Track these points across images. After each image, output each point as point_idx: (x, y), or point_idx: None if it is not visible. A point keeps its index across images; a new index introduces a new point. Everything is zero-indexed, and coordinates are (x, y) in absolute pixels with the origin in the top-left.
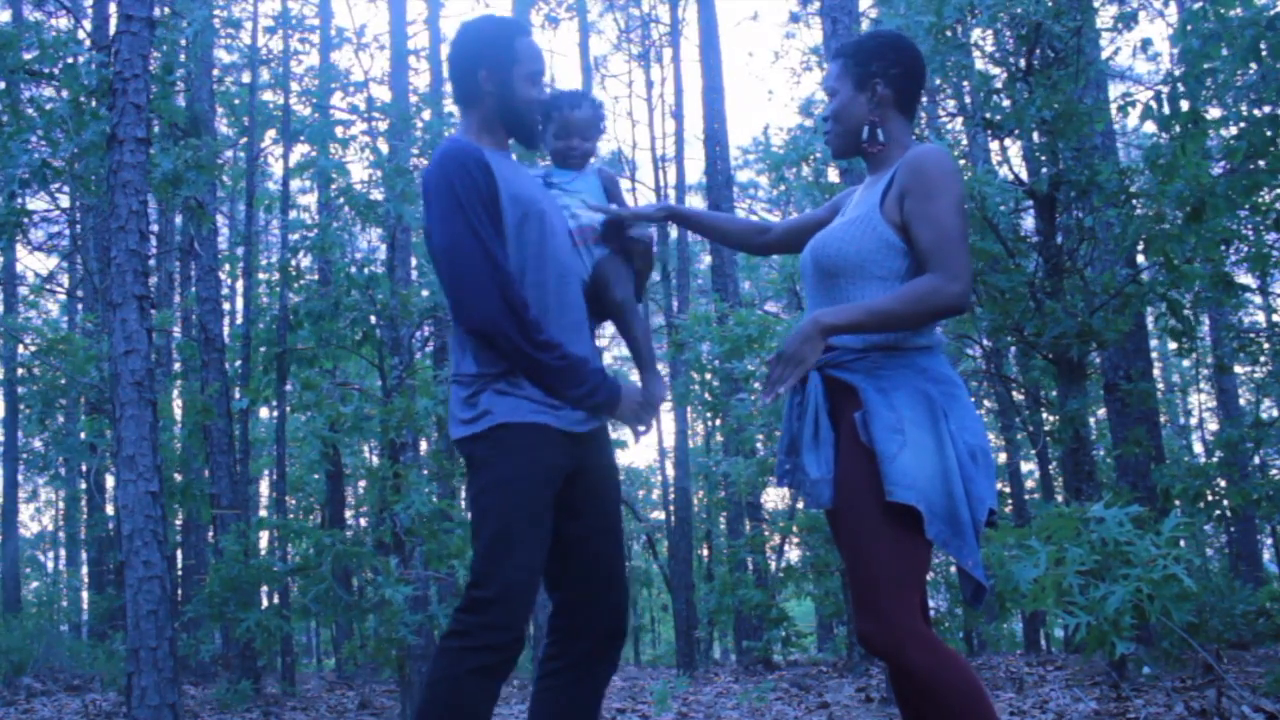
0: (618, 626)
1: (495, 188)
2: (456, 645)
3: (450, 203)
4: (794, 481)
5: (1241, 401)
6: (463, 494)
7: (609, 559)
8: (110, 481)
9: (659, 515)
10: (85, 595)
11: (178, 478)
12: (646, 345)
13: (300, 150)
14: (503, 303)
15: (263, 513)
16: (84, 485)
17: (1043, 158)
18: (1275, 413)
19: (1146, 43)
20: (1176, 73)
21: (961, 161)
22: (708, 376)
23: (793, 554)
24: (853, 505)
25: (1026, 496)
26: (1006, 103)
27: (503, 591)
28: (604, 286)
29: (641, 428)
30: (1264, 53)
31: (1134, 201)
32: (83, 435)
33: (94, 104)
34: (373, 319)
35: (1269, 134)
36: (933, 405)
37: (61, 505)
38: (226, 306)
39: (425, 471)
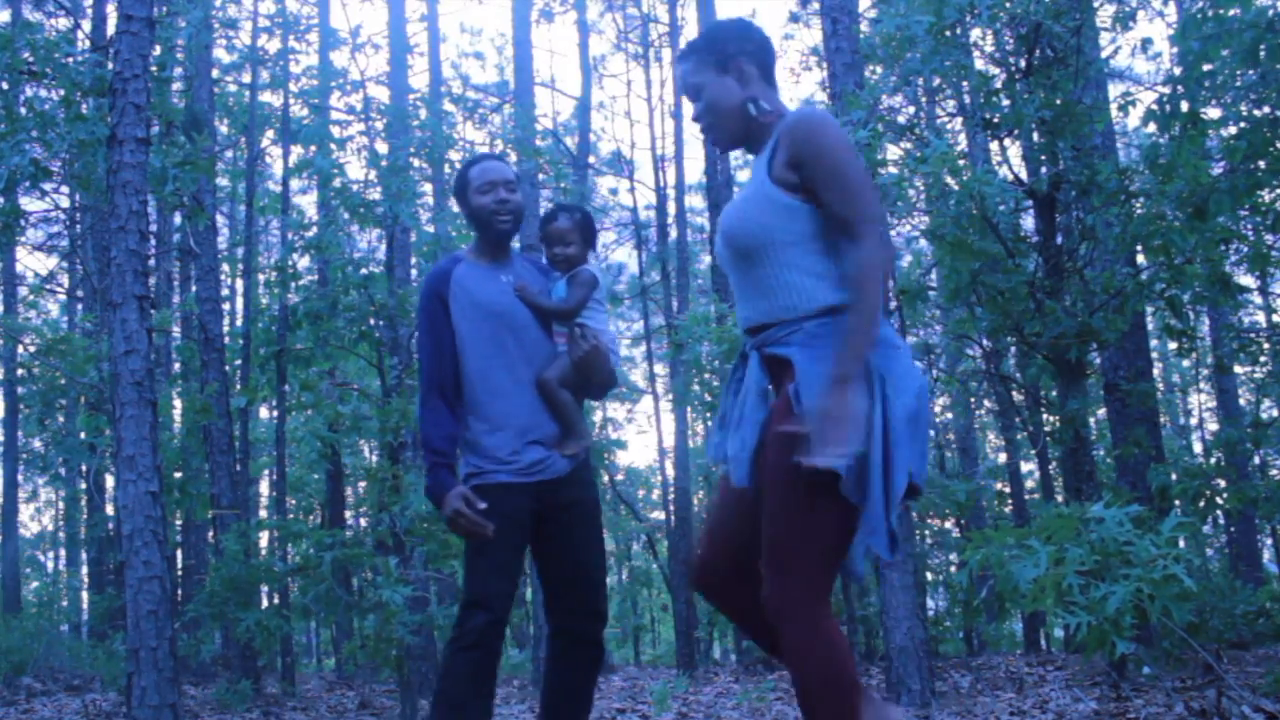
0: (598, 609)
1: (447, 299)
2: (450, 651)
3: (420, 316)
4: (721, 455)
5: (1241, 401)
6: None
7: (588, 568)
8: (110, 481)
9: (659, 515)
10: (85, 595)
11: (178, 475)
12: (567, 416)
13: (299, 150)
14: (423, 406)
15: (263, 513)
16: (84, 485)
17: (1043, 158)
18: (1275, 413)
19: (1147, 42)
20: (1177, 72)
21: (961, 161)
22: (707, 376)
23: None
24: (778, 476)
25: (1026, 496)
26: (1006, 103)
27: (478, 597)
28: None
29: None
30: (1263, 54)
31: (1134, 201)
32: (83, 435)
33: (86, 104)
34: (371, 319)
35: (1269, 134)
36: (869, 370)
37: (61, 505)
38: (226, 306)
39: None
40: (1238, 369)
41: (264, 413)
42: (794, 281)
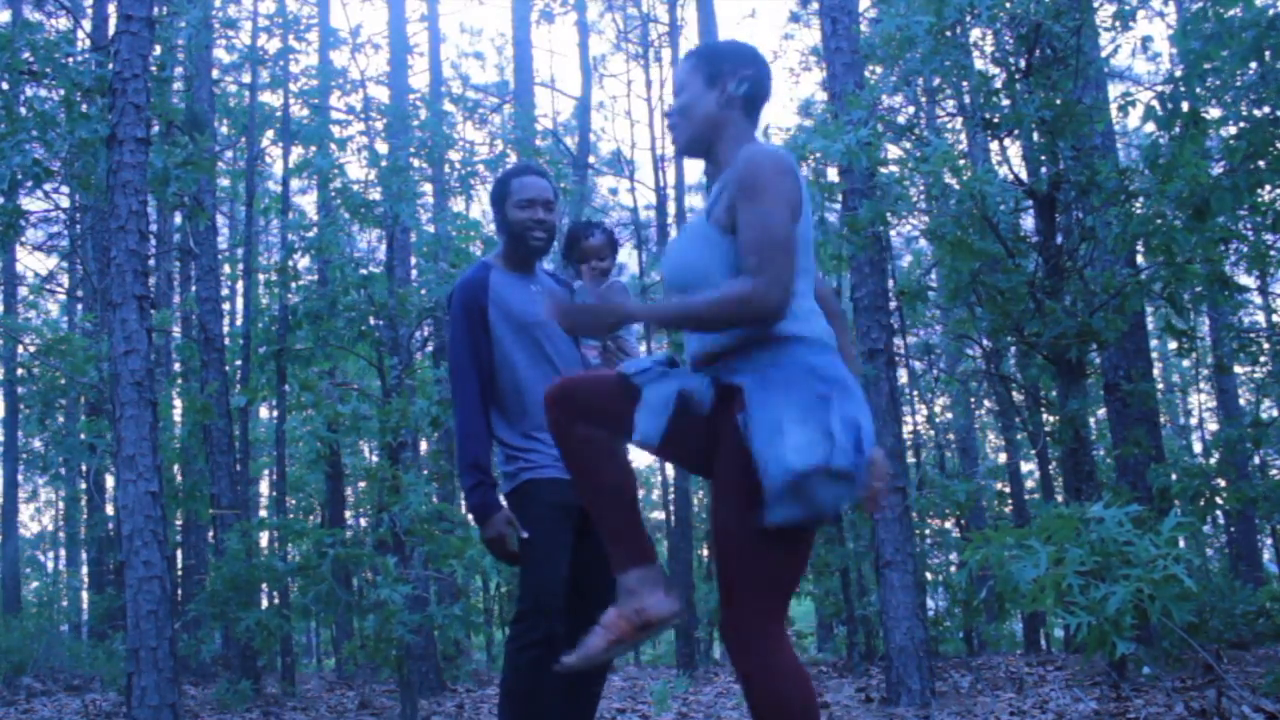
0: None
1: (486, 307)
2: (513, 649)
3: (456, 325)
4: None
5: (1241, 401)
6: (462, 495)
7: (602, 571)
8: (110, 481)
9: (659, 515)
10: (85, 595)
11: (178, 477)
12: None
13: (300, 150)
14: (463, 418)
15: (263, 513)
16: (84, 485)
17: (1043, 158)
18: (1275, 413)
19: (1147, 41)
20: (1177, 73)
21: (961, 161)
22: None
23: None
24: (727, 514)
25: (1026, 496)
26: (1006, 103)
27: (533, 604)
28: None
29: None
30: (1267, 54)
31: (1134, 201)
32: (83, 435)
33: (86, 104)
34: (371, 319)
35: (1269, 134)
36: (826, 401)
37: (61, 505)
38: (226, 306)
39: (425, 472)
40: (1238, 369)
41: (264, 413)
42: None
